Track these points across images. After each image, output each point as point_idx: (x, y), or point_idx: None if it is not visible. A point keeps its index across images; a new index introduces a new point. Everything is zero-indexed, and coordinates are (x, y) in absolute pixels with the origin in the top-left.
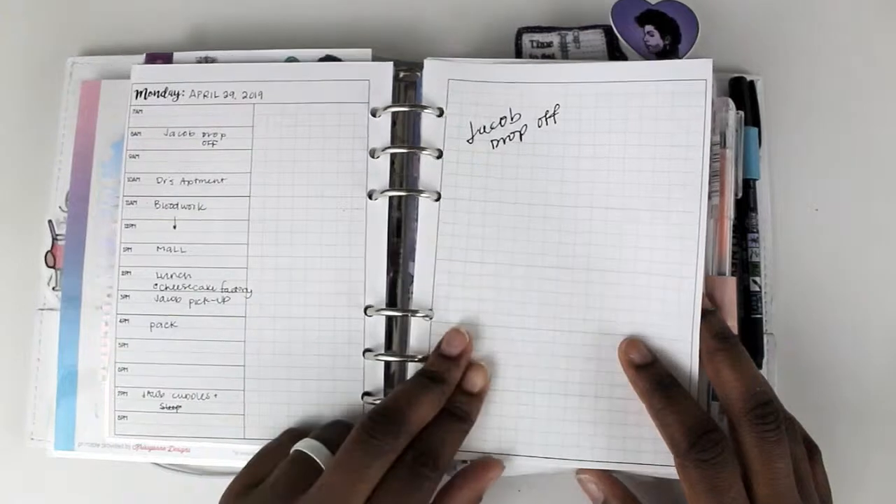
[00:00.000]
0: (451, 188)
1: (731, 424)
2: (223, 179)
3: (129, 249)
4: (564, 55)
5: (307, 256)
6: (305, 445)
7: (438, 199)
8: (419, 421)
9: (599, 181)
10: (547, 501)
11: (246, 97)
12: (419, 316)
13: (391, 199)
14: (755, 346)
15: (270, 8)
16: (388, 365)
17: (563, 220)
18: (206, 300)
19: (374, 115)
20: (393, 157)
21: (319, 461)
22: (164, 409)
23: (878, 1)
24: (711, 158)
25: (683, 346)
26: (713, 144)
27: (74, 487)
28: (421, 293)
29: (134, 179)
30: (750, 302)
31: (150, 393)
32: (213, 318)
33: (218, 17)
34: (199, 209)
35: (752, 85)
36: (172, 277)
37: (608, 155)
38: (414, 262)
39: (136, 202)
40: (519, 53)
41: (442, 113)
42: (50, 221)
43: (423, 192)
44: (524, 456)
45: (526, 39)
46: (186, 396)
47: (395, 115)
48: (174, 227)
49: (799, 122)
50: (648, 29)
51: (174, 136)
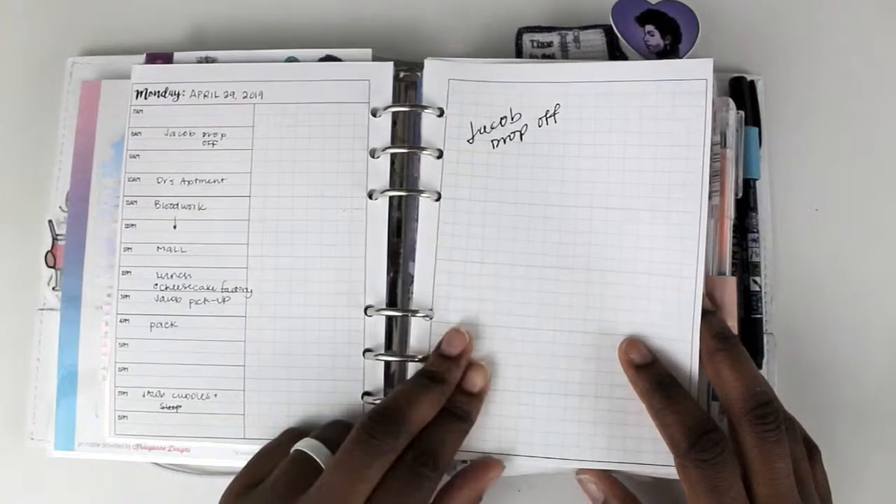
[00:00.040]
0: (451, 188)
1: (731, 424)
2: (223, 179)
3: (129, 249)
4: (565, 55)
5: (307, 256)
6: (305, 445)
7: (439, 199)
8: (419, 421)
9: (600, 181)
10: (547, 501)
11: (246, 97)
12: (419, 316)
13: (391, 199)
14: (755, 346)
15: (270, 8)
16: (388, 365)
17: (563, 219)
18: (206, 300)
19: (374, 115)
20: (393, 157)
21: (319, 461)
22: (164, 408)
23: (878, 1)
24: (712, 158)
25: (683, 346)
26: (713, 144)
27: (74, 487)
28: (421, 293)
29: (134, 179)
30: (750, 302)
31: (150, 393)
32: (213, 318)
33: (218, 17)
34: (199, 209)
35: (752, 85)
36: (173, 277)
37: (608, 155)
38: (414, 262)
39: (136, 202)
40: (519, 53)
41: (442, 113)
42: (50, 221)
43: (423, 192)
44: (524, 456)
45: (526, 39)
46: (186, 396)
47: (395, 115)
48: (174, 227)
49: (799, 122)
50: (649, 29)
51: (174, 136)
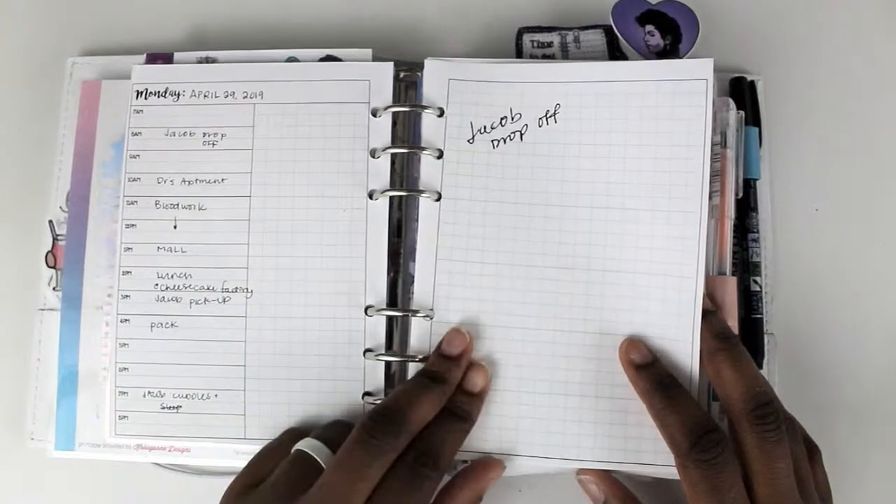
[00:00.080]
0: (451, 188)
1: (731, 424)
2: (224, 179)
3: (129, 249)
4: (565, 55)
5: (308, 256)
6: (306, 445)
7: (439, 199)
8: (419, 421)
9: (600, 181)
10: (547, 501)
11: (246, 97)
12: (420, 316)
13: (391, 199)
14: (755, 346)
15: (270, 8)
16: (388, 365)
17: (563, 219)
18: (206, 300)
19: (374, 115)
20: (393, 157)
21: (320, 460)
22: (164, 409)
23: (878, 1)
24: (712, 158)
25: (684, 346)
26: (714, 144)
27: (74, 487)
28: (421, 293)
29: (134, 179)
30: (750, 302)
31: (150, 393)
32: (213, 318)
33: (218, 17)
34: (199, 209)
35: (752, 85)
36: (173, 277)
37: (609, 155)
38: (414, 262)
39: (136, 202)
40: (519, 53)
41: (442, 113)
42: (50, 221)
43: (423, 192)
44: (525, 456)
45: (526, 39)
46: (187, 396)
47: (395, 115)
48: (175, 227)
49: (799, 122)
50: (649, 29)
51: (174, 136)
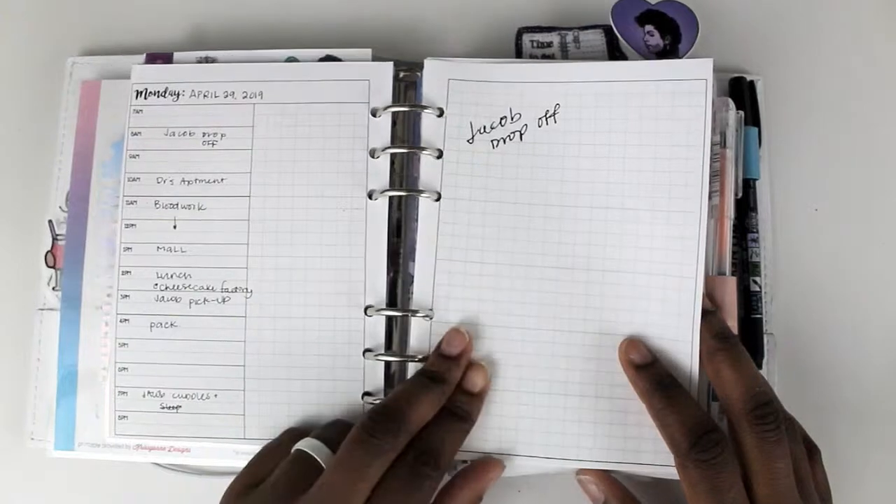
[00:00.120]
0: (451, 188)
1: (731, 424)
2: (223, 179)
3: (129, 249)
4: (564, 55)
5: (307, 256)
6: (306, 445)
7: (438, 199)
8: (419, 420)
9: (600, 181)
10: (547, 502)
11: (246, 97)
12: (419, 316)
13: (391, 199)
14: (755, 346)
15: (270, 8)
16: (388, 365)
17: (563, 219)
18: (206, 300)
19: (374, 115)
20: (393, 157)
21: (320, 460)
22: (164, 409)
23: (878, 1)
24: (712, 158)
25: (683, 346)
26: (713, 144)
27: (74, 487)
28: (421, 293)
29: (134, 179)
30: (750, 302)
31: (150, 393)
32: (213, 318)
33: (218, 17)
34: (199, 209)
35: (752, 85)
36: (172, 277)
37: (608, 155)
38: (414, 262)
39: (136, 202)
40: (519, 53)
41: (442, 113)
42: (50, 221)
43: (423, 192)
44: (524, 456)
45: (526, 39)
46: (187, 396)
47: (395, 115)
48: (174, 227)
49: (799, 122)
50: (648, 29)
51: (174, 136)
